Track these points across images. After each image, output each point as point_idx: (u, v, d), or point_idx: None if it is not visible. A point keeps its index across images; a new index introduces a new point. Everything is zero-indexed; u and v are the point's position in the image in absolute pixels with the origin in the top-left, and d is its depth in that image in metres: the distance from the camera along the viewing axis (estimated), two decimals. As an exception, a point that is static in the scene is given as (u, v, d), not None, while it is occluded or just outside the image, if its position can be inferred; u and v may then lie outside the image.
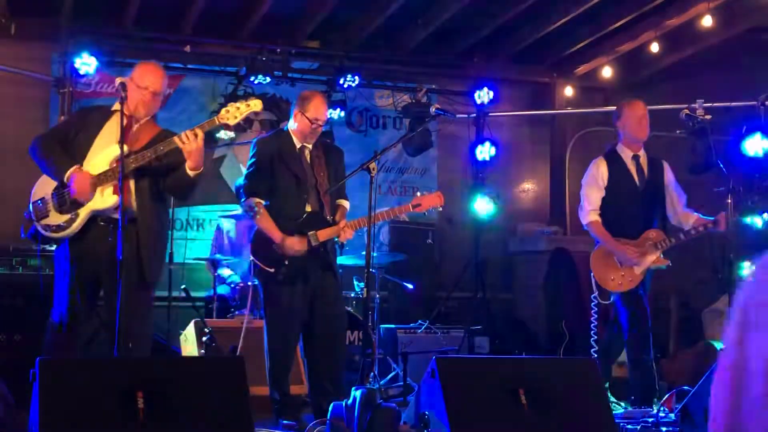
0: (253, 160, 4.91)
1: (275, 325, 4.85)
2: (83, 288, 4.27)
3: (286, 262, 4.76)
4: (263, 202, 4.83)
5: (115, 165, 4.19)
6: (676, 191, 5.46)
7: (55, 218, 4.25)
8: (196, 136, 4.18)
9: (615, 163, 5.50)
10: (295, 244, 4.74)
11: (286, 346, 4.88)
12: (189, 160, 4.25)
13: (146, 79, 4.36)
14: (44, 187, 4.33)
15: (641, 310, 5.31)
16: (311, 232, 4.79)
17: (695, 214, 5.37)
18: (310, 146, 4.97)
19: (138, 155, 4.18)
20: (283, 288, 4.79)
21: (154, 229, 4.36)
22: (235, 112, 4.31)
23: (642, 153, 5.48)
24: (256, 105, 4.37)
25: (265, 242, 4.81)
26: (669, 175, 5.49)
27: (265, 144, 4.97)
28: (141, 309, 4.24)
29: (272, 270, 4.78)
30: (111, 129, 4.33)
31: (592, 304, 5.49)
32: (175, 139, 4.19)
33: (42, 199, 4.29)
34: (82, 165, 4.23)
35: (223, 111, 4.32)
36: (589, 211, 5.44)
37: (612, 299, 5.40)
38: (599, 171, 5.48)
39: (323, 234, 4.81)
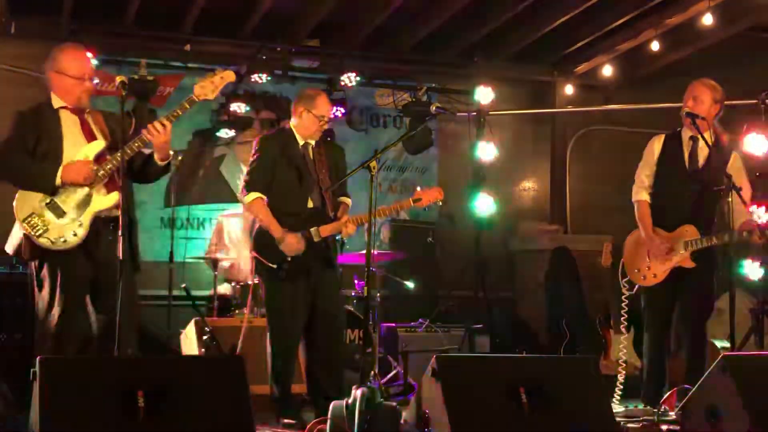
0: (256, 156, 4.92)
1: (278, 322, 4.84)
2: (80, 289, 4.21)
3: (289, 259, 4.77)
4: (264, 197, 4.84)
5: (101, 163, 4.17)
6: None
7: (59, 230, 4.13)
8: (164, 127, 4.14)
9: (671, 141, 5.18)
10: (294, 242, 4.75)
11: (289, 343, 4.87)
12: (157, 152, 4.22)
13: (82, 67, 4.27)
14: (26, 203, 4.16)
15: (658, 311, 5.16)
16: (313, 228, 4.80)
17: (751, 214, 4.90)
18: (312, 143, 4.99)
19: (125, 148, 4.10)
20: (286, 285, 4.79)
21: (135, 219, 4.37)
22: (211, 86, 4.26)
23: (706, 136, 4.92)
24: (229, 76, 4.31)
25: (267, 239, 4.81)
26: (734, 166, 4.99)
27: (269, 141, 4.99)
28: (136, 294, 4.26)
29: (275, 267, 4.79)
30: (71, 128, 4.26)
31: (623, 296, 5.27)
32: (144, 132, 4.14)
33: (32, 215, 4.13)
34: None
35: (197, 88, 4.25)
36: (638, 189, 5.20)
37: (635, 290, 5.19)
38: (652, 146, 5.22)
39: (325, 230, 4.83)
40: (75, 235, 4.14)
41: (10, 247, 4.27)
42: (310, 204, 4.88)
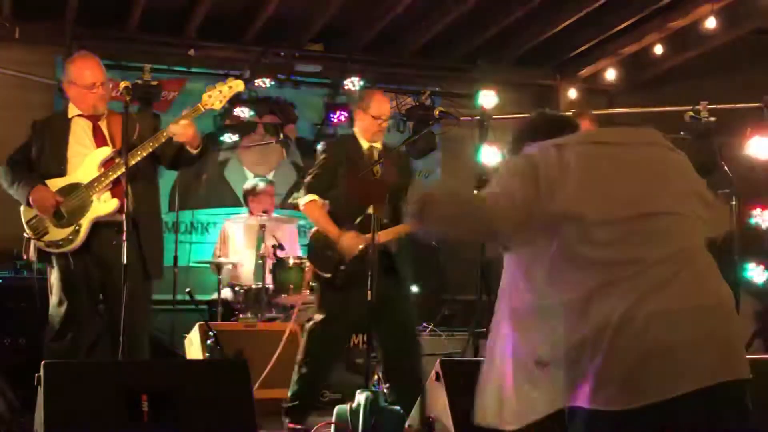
0: (322, 160, 4.78)
1: (326, 327, 4.70)
2: (87, 293, 4.24)
3: (343, 267, 4.64)
4: (319, 199, 4.73)
5: (104, 169, 4.19)
6: None
7: (57, 233, 4.18)
8: (187, 125, 4.13)
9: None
10: (351, 239, 4.59)
11: (331, 352, 4.79)
12: (190, 146, 4.20)
13: (92, 75, 4.30)
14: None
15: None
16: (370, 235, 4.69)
17: None
18: (378, 146, 4.88)
19: (133, 151, 4.13)
20: (339, 294, 4.66)
21: (151, 226, 4.34)
22: (218, 96, 4.26)
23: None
24: (238, 86, 4.32)
25: (321, 247, 4.70)
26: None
27: (335, 146, 4.90)
28: (146, 304, 4.24)
29: (329, 275, 4.68)
30: (79, 134, 4.29)
31: None
32: (169, 134, 4.13)
33: (35, 217, 4.22)
34: (65, 176, 4.21)
35: (205, 96, 4.26)
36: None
37: None
38: None
39: (382, 236, 4.62)
40: (71, 239, 4.17)
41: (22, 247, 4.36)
42: (370, 209, 4.63)
